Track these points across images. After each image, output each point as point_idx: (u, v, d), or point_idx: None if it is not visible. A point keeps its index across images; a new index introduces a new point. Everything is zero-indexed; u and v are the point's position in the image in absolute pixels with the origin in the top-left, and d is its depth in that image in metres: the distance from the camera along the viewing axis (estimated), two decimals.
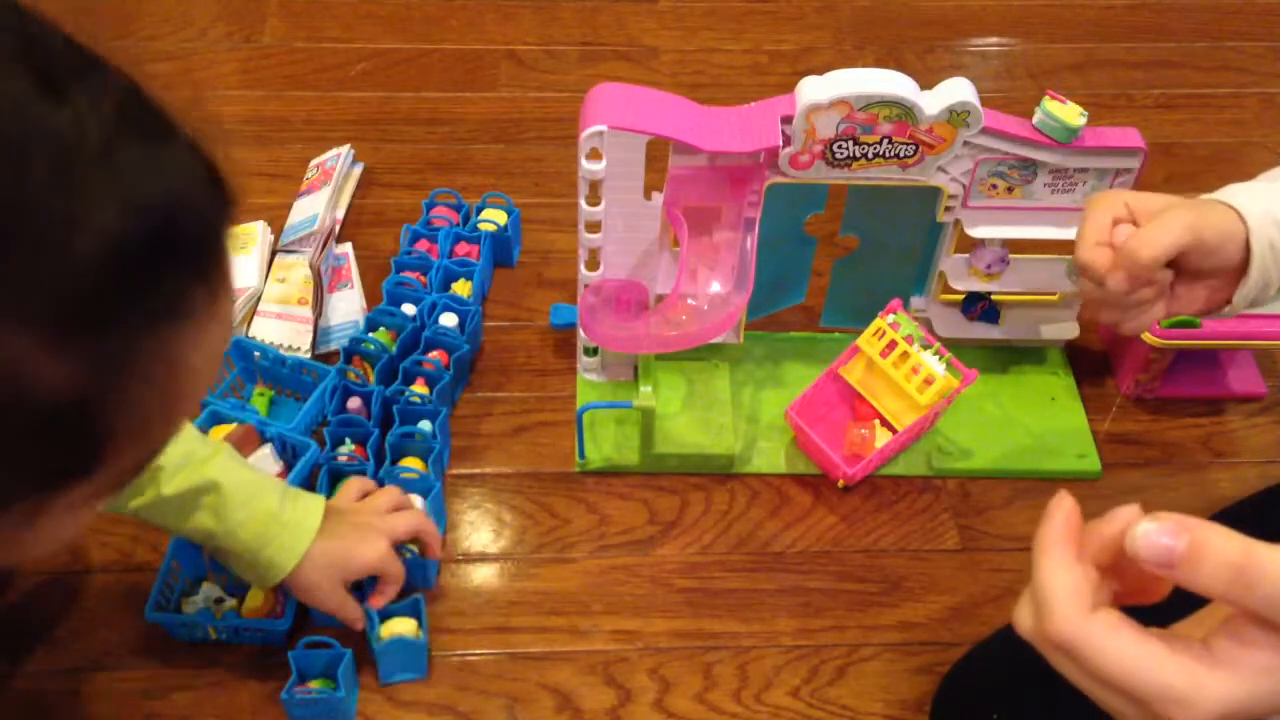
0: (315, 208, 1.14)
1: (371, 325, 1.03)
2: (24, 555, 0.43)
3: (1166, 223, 0.69)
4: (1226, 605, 0.38)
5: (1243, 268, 0.70)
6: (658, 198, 0.88)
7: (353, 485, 0.88)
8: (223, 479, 0.78)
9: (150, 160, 0.38)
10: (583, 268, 0.93)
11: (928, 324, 1.02)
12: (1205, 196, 0.73)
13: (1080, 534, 0.41)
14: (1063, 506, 0.42)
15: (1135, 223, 0.72)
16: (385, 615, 0.84)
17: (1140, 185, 0.90)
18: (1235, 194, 0.71)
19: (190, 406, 0.44)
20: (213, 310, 0.41)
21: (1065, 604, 0.40)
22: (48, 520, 0.41)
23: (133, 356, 0.38)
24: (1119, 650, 0.39)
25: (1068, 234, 0.92)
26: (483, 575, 0.92)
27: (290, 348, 1.04)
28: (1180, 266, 0.72)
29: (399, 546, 0.85)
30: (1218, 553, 0.37)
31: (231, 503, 0.78)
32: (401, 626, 0.83)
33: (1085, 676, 0.41)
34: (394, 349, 1.00)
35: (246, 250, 1.12)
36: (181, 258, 0.39)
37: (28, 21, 0.38)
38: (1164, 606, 0.42)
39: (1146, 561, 0.37)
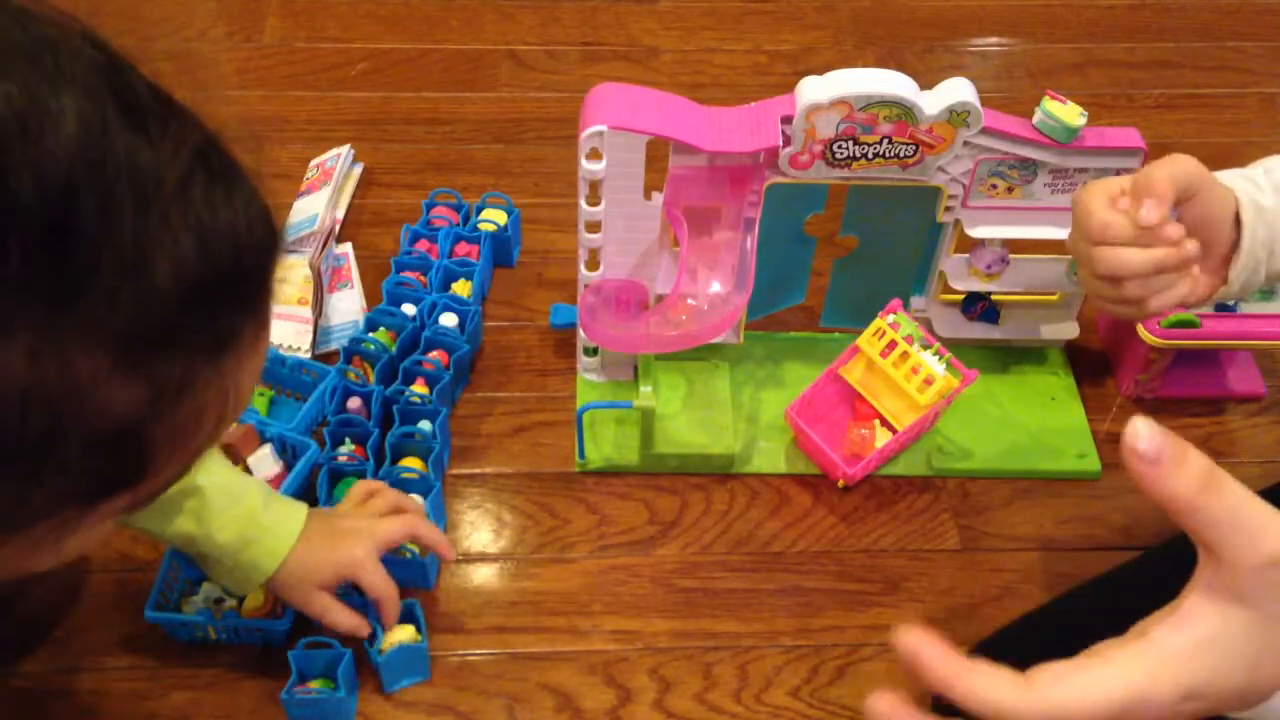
0: (315, 208, 1.14)
1: (371, 325, 1.03)
2: (54, 561, 0.45)
3: (1173, 158, 0.71)
4: (1187, 517, 0.40)
5: (1233, 247, 0.72)
6: (658, 198, 0.88)
7: (359, 488, 0.88)
8: (204, 481, 0.77)
9: (222, 200, 0.41)
10: (583, 268, 0.93)
11: (928, 324, 1.02)
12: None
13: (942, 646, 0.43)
14: (920, 641, 0.45)
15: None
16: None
17: None
18: (1218, 176, 0.73)
19: (228, 426, 0.46)
20: (259, 341, 0.44)
21: (1016, 697, 0.41)
22: (83, 528, 0.43)
23: (191, 382, 0.40)
24: (1079, 694, 0.40)
25: (1068, 234, 0.93)
26: (483, 575, 0.92)
27: (290, 348, 1.04)
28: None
29: (401, 547, 0.85)
30: (1196, 460, 0.39)
31: (212, 506, 0.77)
32: (400, 634, 0.82)
33: None
34: (394, 349, 1.00)
35: None
36: (241, 292, 0.42)
37: (117, 61, 0.40)
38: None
39: (1140, 455, 0.40)
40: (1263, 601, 0.39)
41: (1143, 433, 0.39)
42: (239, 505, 0.78)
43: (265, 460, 0.92)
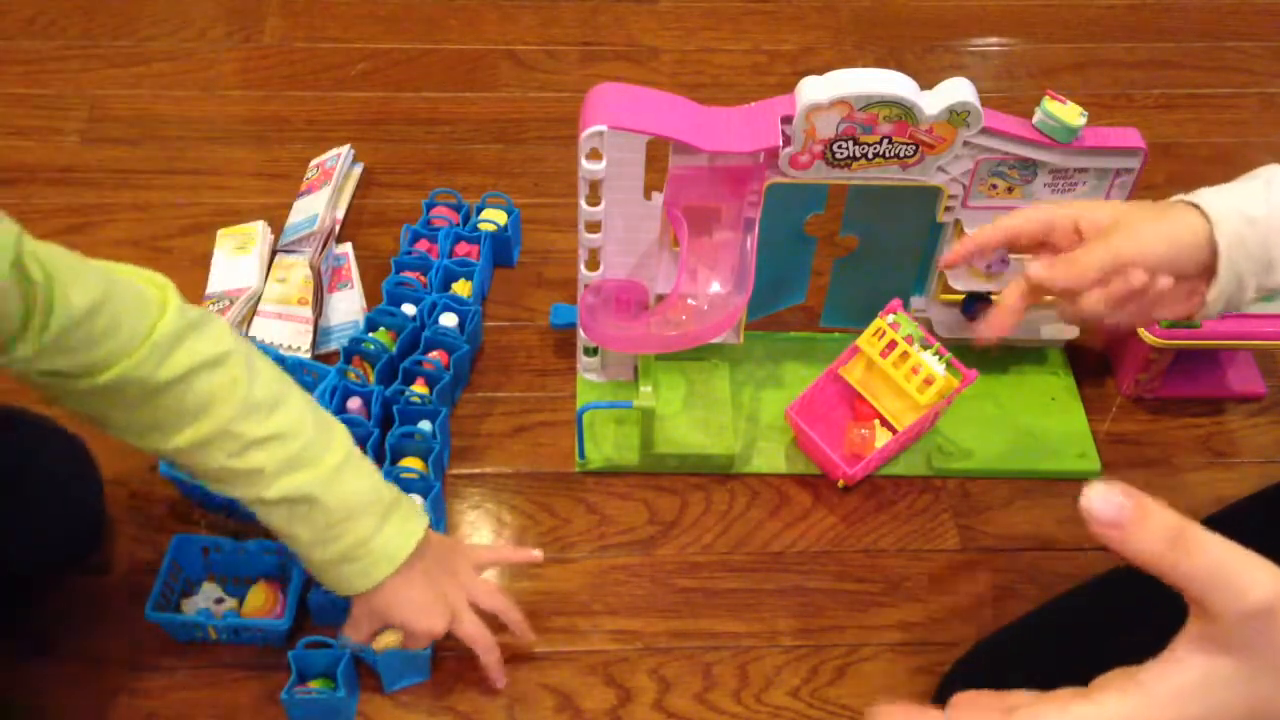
0: (315, 208, 1.14)
1: (371, 325, 1.03)
2: None
3: (1088, 250, 0.68)
4: (1163, 574, 0.39)
5: (1214, 267, 0.68)
6: (658, 198, 0.88)
7: (490, 566, 0.88)
8: (323, 496, 0.74)
9: None
10: (583, 268, 0.93)
11: (928, 324, 1.02)
12: (1176, 198, 0.71)
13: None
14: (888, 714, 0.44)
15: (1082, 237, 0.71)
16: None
17: (1140, 185, 0.91)
18: (1202, 194, 0.70)
19: None
20: None
21: None
22: None
23: None
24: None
25: None
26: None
27: (290, 348, 1.04)
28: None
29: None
30: (1160, 518, 0.38)
31: (325, 520, 0.74)
32: (391, 638, 0.82)
33: None
34: (394, 349, 1.00)
35: (246, 250, 1.12)
36: None
37: None
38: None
39: (1097, 520, 0.39)
40: (1252, 651, 0.39)
41: (1096, 497, 0.39)
42: (352, 524, 0.75)
43: None
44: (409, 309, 1.04)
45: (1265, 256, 0.67)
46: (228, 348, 0.72)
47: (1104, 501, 0.38)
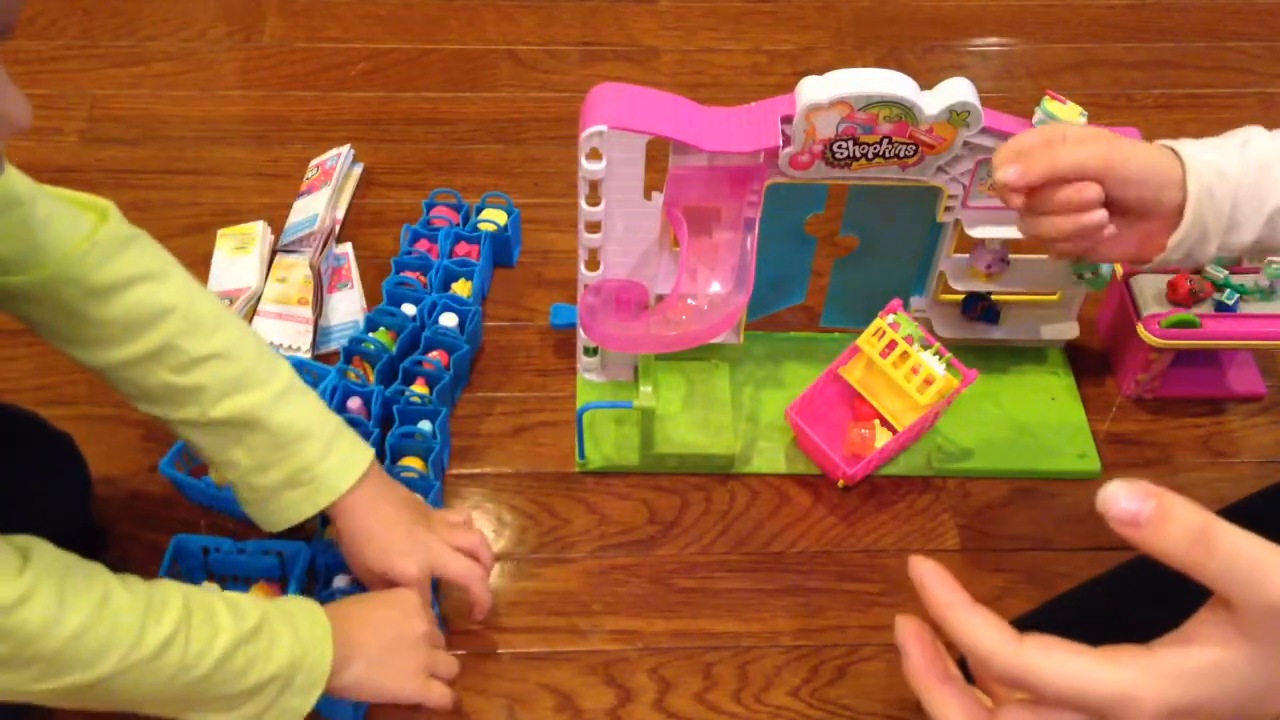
0: (315, 208, 1.14)
1: (371, 325, 1.03)
2: None
3: (1080, 138, 0.69)
4: (1186, 571, 0.39)
5: (1180, 213, 0.69)
6: (658, 198, 0.88)
7: (459, 512, 0.88)
8: (267, 419, 0.74)
9: None
10: (583, 268, 0.93)
11: (928, 324, 1.02)
12: (1157, 142, 0.73)
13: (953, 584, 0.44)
14: (929, 569, 0.45)
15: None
16: None
17: None
18: (1184, 143, 0.71)
19: None
20: None
21: (997, 646, 0.42)
22: None
23: None
24: (1058, 668, 0.41)
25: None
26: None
27: (290, 348, 1.04)
28: (1111, 205, 0.71)
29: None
30: (1182, 517, 0.38)
31: (268, 444, 0.75)
32: None
33: (1046, 707, 0.42)
34: (394, 349, 1.00)
35: (246, 250, 1.12)
36: None
37: None
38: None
39: (1116, 520, 0.38)
40: (1270, 643, 0.39)
41: (1118, 495, 0.38)
42: (296, 450, 0.75)
43: None
44: (409, 309, 1.04)
45: (1231, 214, 0.68)
46: (166, 263, 0.73)
47: (1127, 500, 0.38)
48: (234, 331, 0.75)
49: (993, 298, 1.02)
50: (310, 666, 0.72)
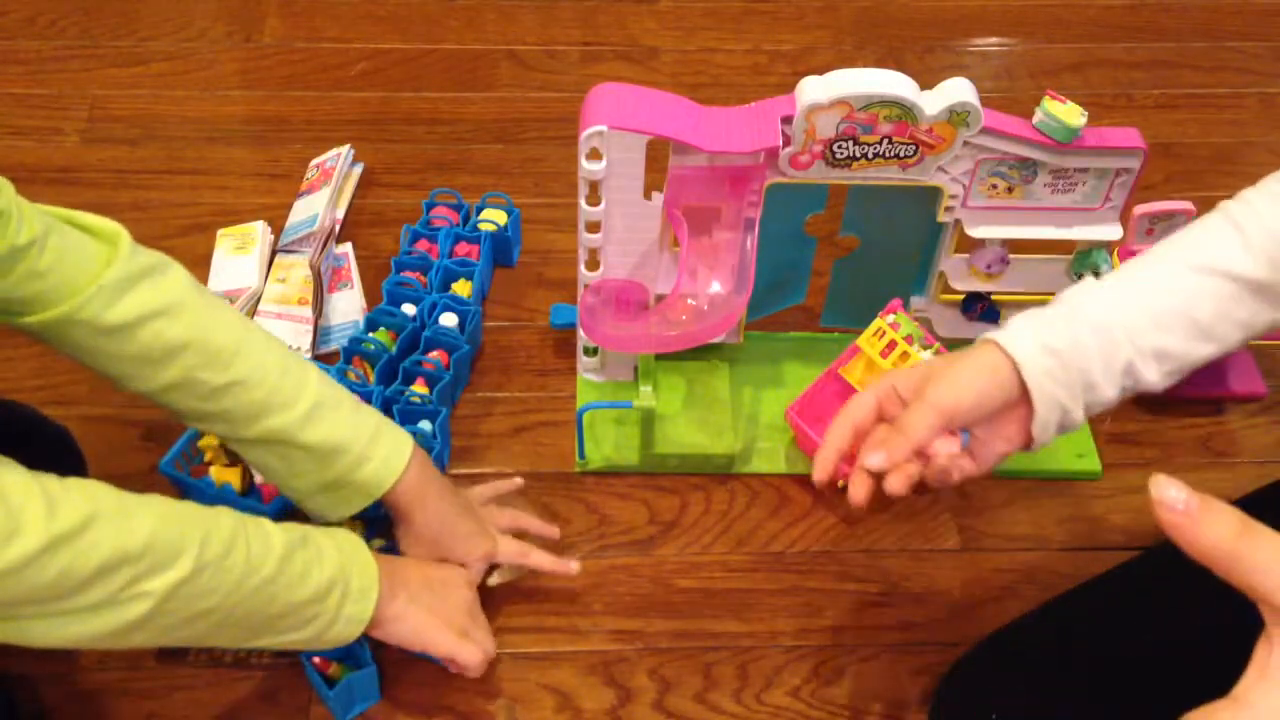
0: (315, 208, 1.14)
1: (371, 325, 1.03)
2: None
3: (909, 413, 0.66)
4: (1231, 565, 0.40)
5: (1025, 399, 0.66)
6: (658, 198, 0.88)
7: (491, 488, 0.91)
8: (299, 436, 0.75)
9: None
10: (583, 268, 0.93)
11: (928, 324, 1.02)
12: (982, 336, 0.68)
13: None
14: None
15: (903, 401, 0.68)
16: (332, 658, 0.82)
17: (1140, 185, 0.91)
18: (1008, 327, 0.67)
19: None
20: None
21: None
22: None
23: None
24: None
25: (1068, 234, 0.92)
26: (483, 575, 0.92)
27: (290, 348, 1.04)
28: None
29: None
30: (1224, 512, 0.40)
31: (303, 456, 0.76)
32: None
33: None
34: (394, 349, 1.00)
35: (246, 250, 1.13)
36: None
37: None
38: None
39: (1168, 505, 0.40)
40: None
41: (1167, 485, 0.40)
42: (329, 464, 0.77)
43: None
44: (409, 309, 1.04)
45: (1082, 380, 0.66)
46: (179, 297, 0.73)
47: (1177, 489, 0.40)
48: (254, 357, 0.75)
49: (993, 298, 1.02)
50: (360, 570, 0.75)
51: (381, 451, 0.79)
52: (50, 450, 0.86)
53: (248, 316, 1.07)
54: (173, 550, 0.64)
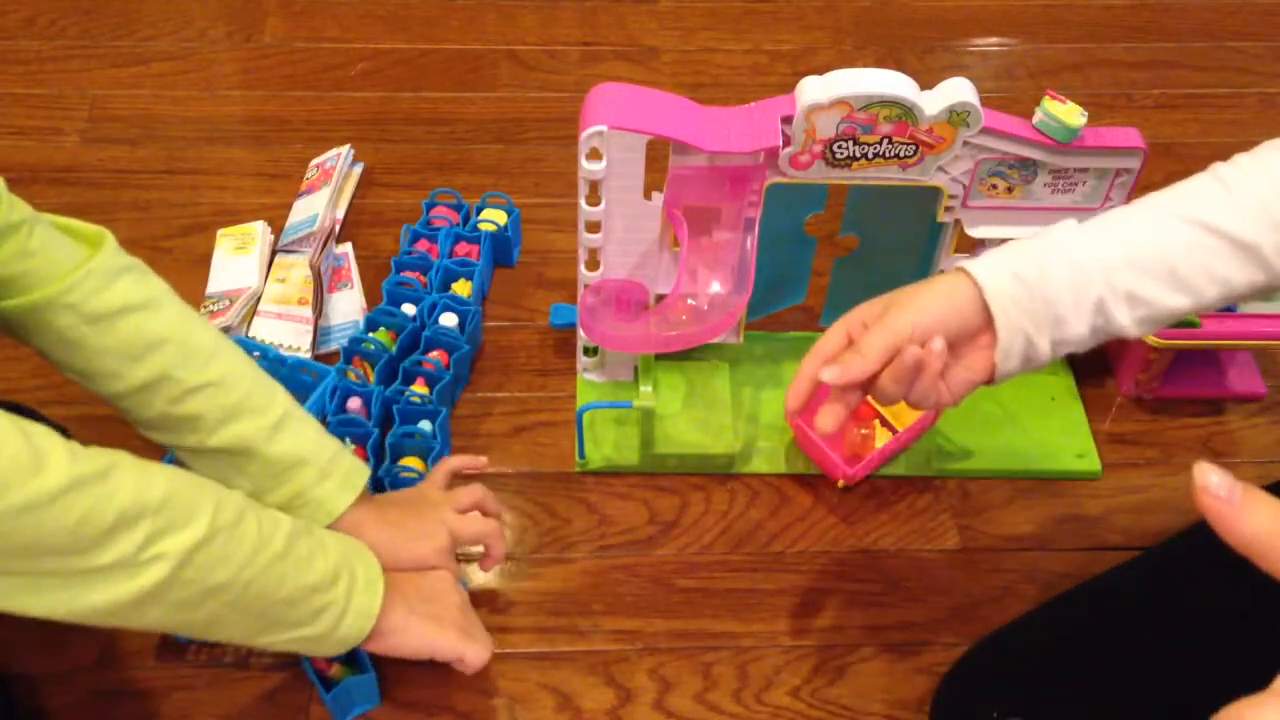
0: (315, 208, 1.14)
1: (371, 325, 1.03)
2: None
3: (868, 335, 0.67)
4: (1271, 554, 0.40)
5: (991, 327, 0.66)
6: (658, 198, 0.88)
7: (444, 466, 0.89)
8: (263, 448, 0.75)
9: None
10: (583, 268, 0.93)
11: None
12: (957, 263, 0.69)
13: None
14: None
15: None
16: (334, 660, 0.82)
17: (1140, 185, 0.90)
18: (977, 258, 0.67)
19: None
20: None
21: None
22: None
23: None
24: None
25: None
26: (483, 575, 0.92)
27: (290, 348, 1.04)
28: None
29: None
30: (1267, 502, 0.40)
31: (264, 472, 0.76)
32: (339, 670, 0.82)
33: None
34: (394, 349, 1.00)
35: (246, 250, 1.13)
36: None
37: None
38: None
39: (1213, 491, 0.40)
40: None
41: (1213, 472, 0.40)
42: (291, 477, 0.77)
43: None
44: (409, 309, 1.04)
45: (1049, 312, 0.65)
46: (161, 295, 0.74)
47: (1221, 476, 0.40)
48: (230, 361, 0.76)
49: None
50: (365, 562, 0.75)
51: (341, 470, 0.79)
52: None
53: (247, 317, 1.07)
54: (189, 509, 0.64)
